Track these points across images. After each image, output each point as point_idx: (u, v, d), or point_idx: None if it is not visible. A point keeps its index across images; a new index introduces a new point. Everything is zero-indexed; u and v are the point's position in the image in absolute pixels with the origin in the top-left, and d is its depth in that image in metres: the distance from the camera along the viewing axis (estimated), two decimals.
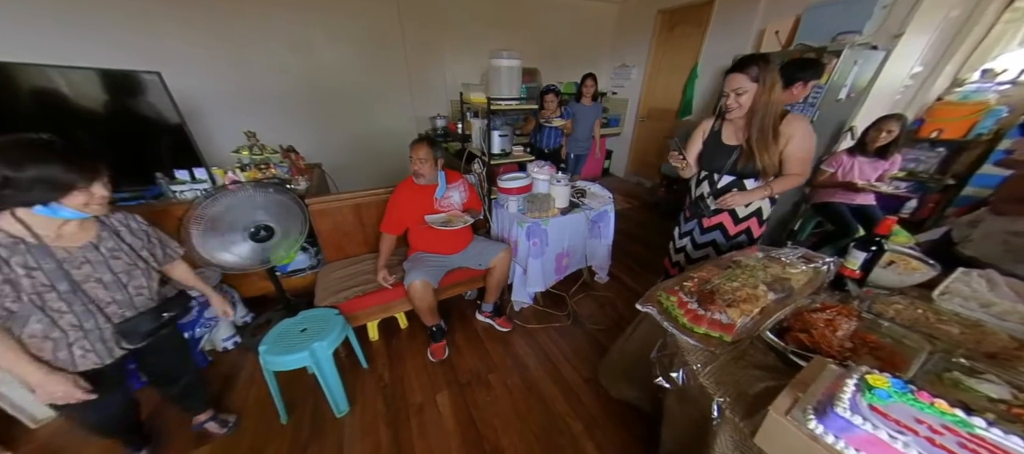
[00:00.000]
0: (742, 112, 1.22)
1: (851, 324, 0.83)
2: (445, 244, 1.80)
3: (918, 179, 2.36)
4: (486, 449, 1.37)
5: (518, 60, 1.91)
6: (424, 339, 1.86)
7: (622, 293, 2.29)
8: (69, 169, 0.81)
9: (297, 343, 1.35)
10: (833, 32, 2.26)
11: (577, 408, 1.52)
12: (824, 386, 0.61)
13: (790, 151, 1.22)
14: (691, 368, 0.85)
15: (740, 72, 1.16)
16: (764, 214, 1.42)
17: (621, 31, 4.28)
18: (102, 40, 2.32)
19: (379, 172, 3.53)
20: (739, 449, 0.74)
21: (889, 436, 0.48)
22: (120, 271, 0.97)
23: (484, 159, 2.09)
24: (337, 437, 1.42)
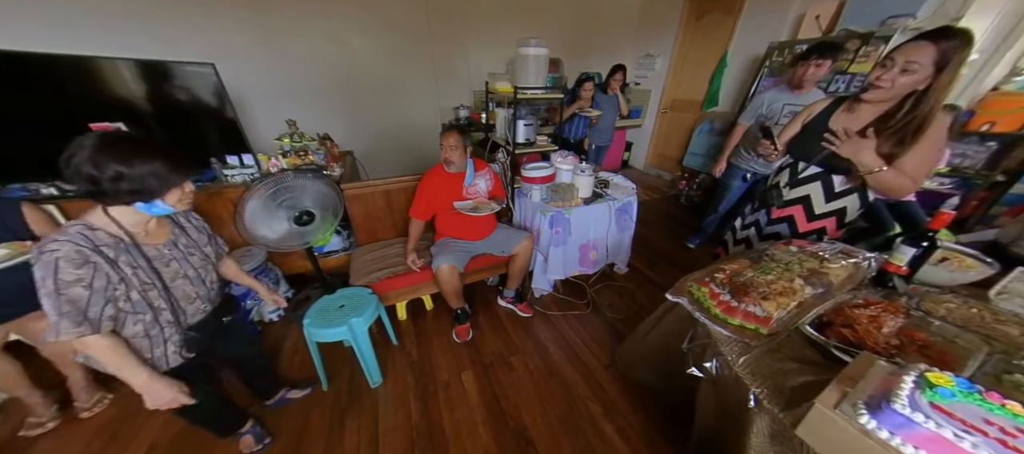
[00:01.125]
0: (892, 93, 0.95)
1: (897, 321, 0.78)
2: (471, 230, 1.81)
3: (963, 175, 2.16)
4: (510, 425, 1.39)
5: (545, 48, 1.87)
6: (449, 320, 1.89)
7: (641, 284, 2.26)
8: (172, 166, 0.81)
9: (336, 318, 1.40)
10: (882, 15, 2.08)
11: (597, 392, 1.52)
12: (875, 382, 0.58)
13: (915, 151, 0.97)
14: (726, 358, 0.83)
15: (932, 43, 0.87)
16: (848, 215, 1.20)
17: (646, 19, 4.10)
18: (160, 35, 2.40)
19: (405, 160, 3.59)
20: (777, 440, 0.72)
21: (954, 435, 0.45)
22: (198, 266, 0.98)
23: (508, 148, 2.07)
24: (372, 406, 1.48)
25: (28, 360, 1.34)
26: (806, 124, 1.22)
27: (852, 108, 1.09)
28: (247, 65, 2.69)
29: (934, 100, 0.91)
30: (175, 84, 1.88)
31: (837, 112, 1.14)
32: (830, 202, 1.19)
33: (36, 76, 1.62)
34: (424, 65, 3.46)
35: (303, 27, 2.84)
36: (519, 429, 1.38)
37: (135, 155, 0.76)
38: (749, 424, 0.76)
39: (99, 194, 0.76)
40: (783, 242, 1.22)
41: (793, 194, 1.26)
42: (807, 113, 1.24)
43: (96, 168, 0.72)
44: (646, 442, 1.31)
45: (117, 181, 0.74)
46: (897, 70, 0.93)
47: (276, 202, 1.45)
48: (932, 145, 0.97)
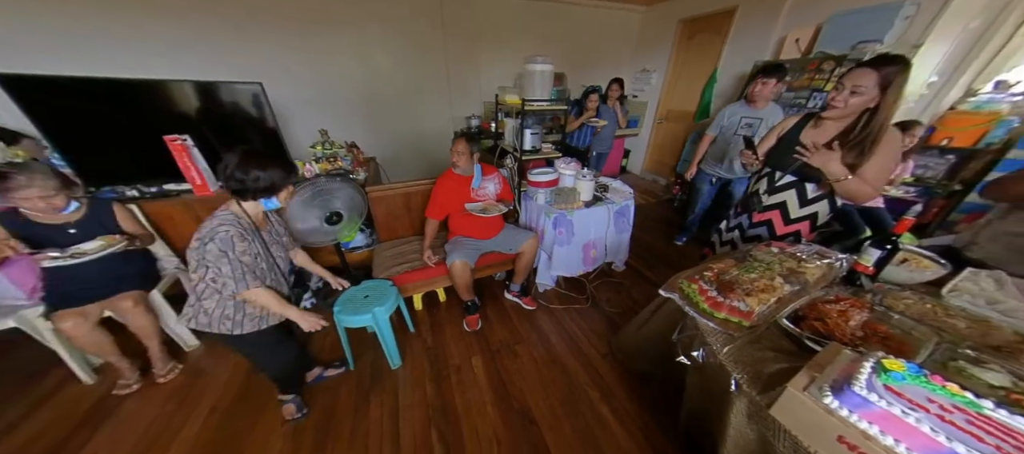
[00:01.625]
0: (844, 112, 1.04)
1: (863, 315, 0.83)
2: (481, 230, 1.86)
3: (925, 184, 2.25)
4: (515, 406, 1.44)
5: (550, 65, 1.92)
6: (460, 311, 1.94)
7: (637, 281, 2.31)
8: (286, 172, 1.04)
9: (362, 306, 1.46)
10: (854, 40, 2.15)
11: (595, 379, 1.56)
12: (839, 368, 0.63)
13: (872, 163, 1.04)
14: (711, 348, 0.88)
15: (873, 69, 0.96)
16: (819, 220, 1.26)
17: (643, 38, 4.16)
18: (220, 59, 2.62)
19: (421, 165, 3.67)
20: (754, 419, 0.77)
21: (902, 412, 0.50)
22: (283, 248, 1.20)
23: (516, 155, 2.12)
24: (393, 385, 1.54)
25: (117, 334, 1.47)
26: (781, 137, 1.29)
27: (818, 124, 1.17)
28: (288, 83, 2.85)
29: (883, 116, 0.99)
30: (230, 101, 1.99)
31: (807, 127, 1.21)
32: (804, 207, 1.26)
33: (121, 98, 1.77)
34: (439, 79, 3.54)
35: (334, 48, 2.98)
36: (523, 410, 1.42)
37: (266, 163, 0.99)
38: (730, 406, 0.80)
39: (243, 191, 0.99)
40: (764, 244, 1.27)
41: (771, 200, 1.32)
42: (781, 127, 1.31)
43: (244, 172, 0.96)
44: (640, 424, 1.35)
45: (256, 181, 0.98)
46: (847, 92, 1.02)
47: (312, 203, 1.52)
48: (887, 156, 1.05)
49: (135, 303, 1.43)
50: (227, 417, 1.41)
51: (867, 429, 0.52)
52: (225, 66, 2.61)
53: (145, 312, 1.47)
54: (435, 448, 1.29)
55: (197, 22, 2.49)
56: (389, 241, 2.05)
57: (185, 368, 1.63)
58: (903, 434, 0.48)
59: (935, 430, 0.46)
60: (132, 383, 1.50)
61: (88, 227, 1.33)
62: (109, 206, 1.41)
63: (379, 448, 1.29)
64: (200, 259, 0.96)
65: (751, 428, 0.78)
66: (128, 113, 1.77)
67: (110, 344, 1.43)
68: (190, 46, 2.51)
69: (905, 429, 0.48)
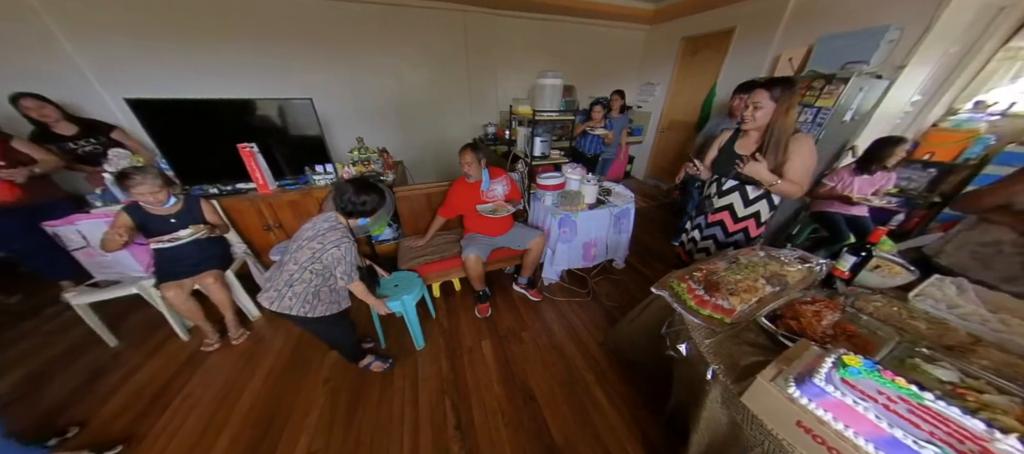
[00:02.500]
0: (755, 125, 1.17)
1: (835, 315, 0.85)
2: (492, 228, 1.89)
3: (908, 196, 2.22)
4: (518, 385, 1.48)
5: (560, 79, 1.93)
6: (472, 300, 1.99)
7: (635, 278, 2.32)
8: (382, 199, 1.22)
9: (393, 294, 1.52)
10: (842, 61, 2.11)
11: (591, 364, 1.59)
12: (805, 362, 0.66)
13: (792, 164, 1.16)
14: (694, 341, 0.91)
15: (764, 89, 1.12)
16: (763, 217, 1.35)
17: (648, 54, 4.11)
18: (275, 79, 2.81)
19: (442, 167, 3.75)
20: (726, 405, 0.80)
21: (854, 402, 0.53)
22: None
23: (527, 160, 2.15)
24: (414, 362, 1.61)
25: (203, 303, 1.67)
26: (721, 148, 1.38)
27: (744, 135, 1.29)
28: (331, 97, 3.00)
29: (780, 124, 1.11)
30: (287, 114, 2.14)
31: (737, 139, 1.32)
32: (748, 207, 1.34)
33: (207, 113, 1.97)
34: (461, 92, 3.60)
35: (371, 65, 3.11)
36: (525, 388, 1.47)
37: (371, 191, 1.19)
38: (706, 393, 0.84)
39: (352, 212, 1.18)
40: (749, 248, 1.28)
41: (721, 202, 1.40)
42: (720, 140, 1.40)
43: (357, 196, 1.17)
44: (630, 406, 1.38)
45: (363, 205, 1.18)
46: (752, 109, 1.15)
47: None
48: (802, 157, 1.15)
49: (215, 279, 1.62)
50: (281, 376, 1.56)
51: (822, 416, 0.55)
52: (283, 84, 2.80)
53: (222, 287, 1.66)
54: (448, 415, 1.36)
55: (262, 48, 2.68)
56: (413, 235, 2.11)
57: (251, 335, 1.81)
58: (852, 420, 0.51)
59: (879, 417, 0.49)
60: (214, 343, 1.70)
61: (183, 218, 1.53)
62: (198, 201, 1.61)
63: (401, 410, 1.38)
64: (316, 257, 1.12)
65: (723, 413, 0.81)
66: (211, 126, 1.98)
67: (199, 311, 1.63)
68: (255, 69, 2.72)
69: (854, 416, 0.51)
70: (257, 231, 2.07)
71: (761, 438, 0.68)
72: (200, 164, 1.98)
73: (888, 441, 0.46)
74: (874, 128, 2.15)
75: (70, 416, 1.36)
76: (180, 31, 2.43)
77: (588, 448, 1.24)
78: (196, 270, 1.58)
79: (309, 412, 1.38)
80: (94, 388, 1.49)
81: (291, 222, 2.12)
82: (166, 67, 2.48)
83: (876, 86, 2.03)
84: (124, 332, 1.79)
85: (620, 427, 1.31)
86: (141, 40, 2.36)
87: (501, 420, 1.34)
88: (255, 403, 1.43)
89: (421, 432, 1.30)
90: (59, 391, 1.47)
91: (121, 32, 2.30)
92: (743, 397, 0.70)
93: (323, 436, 1.29)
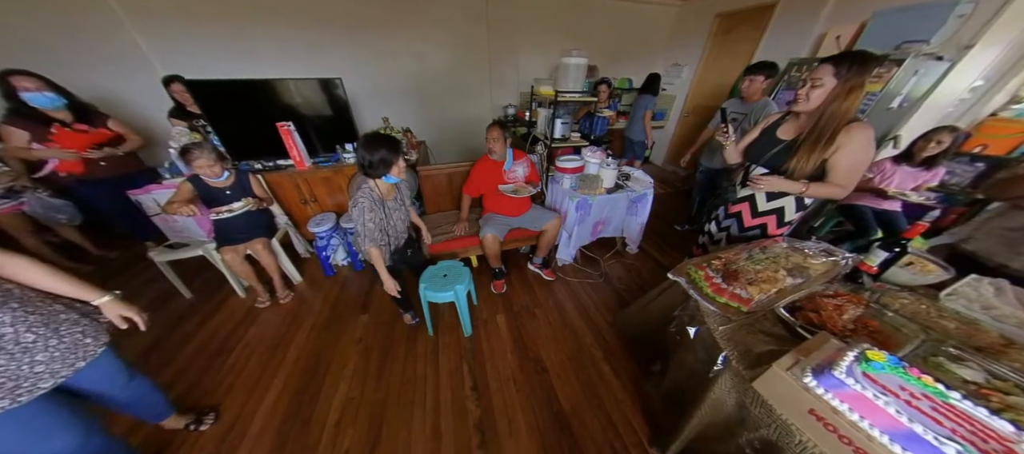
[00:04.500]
0: (808, 105, 0.97)
1: (858, 310, 0.81)
2: (511, 208, 1.89)
3: (948, 191, 1.96)
4: (530, 357, 1.53)
5: (585, 58, 1.84)
6: (489, 276, 2.02)
7: (647, 263, 2.28)
8: (391, 149, 1.15)
9: (443, 285, 1.50)
10: (899, 39, 1.86)
11: (599, 342, 1.61)
12: (825, 355, 0.64)
13: (837, 159, 0.97)
14: (708, 327, 0.90)
15: (830, 64, 0.92)
16: (787, 216, 1.19)
17: (677, 32, 3.78)
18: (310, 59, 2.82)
19: (463, 147, 3.72)
20: (737, 391, 0.79)
21: (874, 395, 0.51)
22: (402, 216, 1.39)
23: (547, 142, 2.10)
24: (436, 329, 1.68)
25: (255, 266, 1.83)
26: (764, 130, 1.21)
27: (792, 119, 1.11)
28: (359, 77, 2.99)
29: (835, 107, 0.92)
30: (317, 93, 2.16)
31: (784, 122, 1.14)
32: (770, 201, 1.20)
33: (249, 92, 2.02)
34: (482, 71, 3.49)
35: (397, 46, 3.07)
36: (537, 359, 1.51)
37: (378, 144, 1.14)
38: (713, 382, 0.83)
39: (370, 170, 1.16)
40: (771, 239, 1.22)
41: (743, 193, 1.27)
42: (766, 122, 1.22)
43: (367, 152, 1.14)
44: (635, 381, 1.40)
45: (379, 159, 1.14)
46: (808, 86, 0.96)
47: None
48: (855, 152, 0.96)
49: (263, 246, 1.77)
50: (321, 333, 1.69)
51: (837, 406, 0.54)
52: (315, 64, 2.82)
53: (269, 252, 1.81)
54: (465, 378, 1.44)
55: (299, 29, 2.70)
56: (434, 213, 2.15)
57: (295, 296, 1.96)
58: (869, 412, 0.50)
59: (900, 412, 0.47)
60: (265, 301, 1.86)
61: (236, 191, 1.65)
62: (247, 176, 1.72)
63: (424, 370, 1.48)
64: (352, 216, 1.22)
65: (731, 396, 0.81)
66: (253, 104, 2.04)
67: (251, 272, 1.80)
68: (292, 50, 2.75)
69: (872, 409, 0.50)
70: (296, 204, 2.17)
71: (769, 421, 0.68)
72: (245, 141, 2.07)
73: (906, 435, 0.45)
74: (924, 117, 1.92)
75: (161, 353, 1.57)
76: (225, 12, 2.49)
77: (593, 416, 1.28)
78: (248, 237, 1.72)
79: (346, 365, 1.51)
80: (177, 331, 1.70)
81: (325, 197, 2.20)
82: (214, 49, 2.55)
83: (933, 69, 1.79)
84: (196, 288, 1.98)
85: (625, 400, 1.34)
86: (192, 22, 2.44)
87: (513, 387, 1.40)
88: (301, 354, 1.56)
89: (441, 390, 1.39)
90: (151, 332, 1.65)
91: (175, 14, 2.40)
92: (755, 383, 0.69)
93: (358, 386, 1.41)
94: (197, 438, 1.21)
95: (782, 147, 1.09)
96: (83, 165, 1.81)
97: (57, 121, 1.67)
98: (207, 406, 1.31)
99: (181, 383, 1.42)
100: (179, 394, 1.37)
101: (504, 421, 1.27)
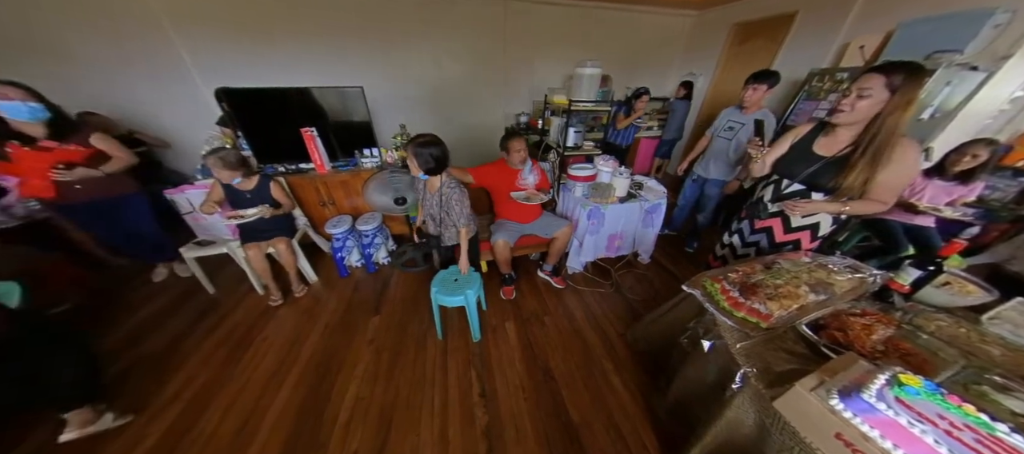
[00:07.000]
0: (852, 117, 0.89)
1: (888, 331, 0.77)
2: (522, 214, 1.88)
3: (988, 206, 1.83)
4: (539, 365, 1.50)
5: (599, 68, 1.85)
6: (498, 282, 2.01)
7: (659, 274, 2.22)
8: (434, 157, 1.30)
9: (454, 289, 1.51)
10: (928, 49, 1.78)
11: (610, 353, 1.57)
12: (852, 376, 0.60)
13: (884, 177, 0.90)
14: (725, 343, 0.86)
15: (880, 73, 0.83)
16: (821, 230, 1.14)
17: (693, 42, 3.76)
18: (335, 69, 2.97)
19: (475, 154, 3.77)
20: (757, 411, 0.76)
21: (909, 423, 0.48)
22: (436, 208, 1.50)
23: (559, 150, 2.10)
24: (444, 334, 1.69)
25: (273, 267, 1.90)
26: (794, 144, 1.12)
27: (829, 132, 1.02)
28: (379, 85, 3.10)
29: (890, 122, 0.85)
30: (340, 100, 2.26)
31: (819, 136, 1.06)
32: (806, 216, 1.14)
33: (278, 100, 2.10)
34: (496, 80, 3.57)
35: (415, 56, 3.18)
36: (546, 368, 1.49)
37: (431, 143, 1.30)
38: (731, 399, 0.79)
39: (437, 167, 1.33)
40: (792, 252, 1.17)
41: (775, 208, 1.19)
42: (795, 134, 1.13)
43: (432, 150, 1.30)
44: (646, 394, 1.35)
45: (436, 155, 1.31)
46: (854, 96, 0.88)
47: (385, 188, 1.72)
48: (904, 169, 0.91)
49: (285, 245, 1.82)
50: (334, 332, 1.72)
51: (867, 432, 0.50)
52: (337, 73, 2.95)
53: (290, 251, 1.85)
54: (474, 384, 1.42)
55: (322, 40, 2.84)
56: None
57: (310, 294, 2.01)
58: (903, 441, 0.47)
59: (938, 442, 0.44)
60: (278, 300, 1.90)
61: (256, 195, 1.71)
62: (268, 182, 1.76)
63: (433, 374, 1.47)
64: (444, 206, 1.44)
65: (750, 415, 0.77)
66: (279, 111, 2.12)
67: (268, 270, 1.85)
68: (318, 60, 2.89)
69: (907, 437, 0.46)
70: (315, 206, 2.24)
71: (791, 445, 0.64)
72: (271, 145, 2.16)
73: None
74: (960, 128, 1.81)
75: (190, 342, 1.65)
76: (260, 24, 2.66)
77: (603, 428, 1.24)
78: (270, 236, 1.80)
79: (357, 365, 1.52)
80: (201, 324, 1.78)
81: (342, 200, 2.26)
82: (244, 57, 2.71)
83: (968, 79, 1.69)
84: (218, 283, 2.05)
85: (636, 414, 1.29)
86: (228, 33, 2.61)
87: (522, 394, 1.38)
88: (315, 352, 1.59)
89: (450, 394, 1.38)
90: (180, 322, 1.78)
91: (215, 26, 2.57)
92: (776, 402, 0.66)
93: (369, 386, 1.42)
94: (215, 428, 1.24)
95: (823, 164, 1.00)
96: (53, 188, 1.47)
97: (19, 138, 1.36)
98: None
99: (204, 373, 1.48)
100: (204, 384, 1.43)
101: (512, 429, 1.25)
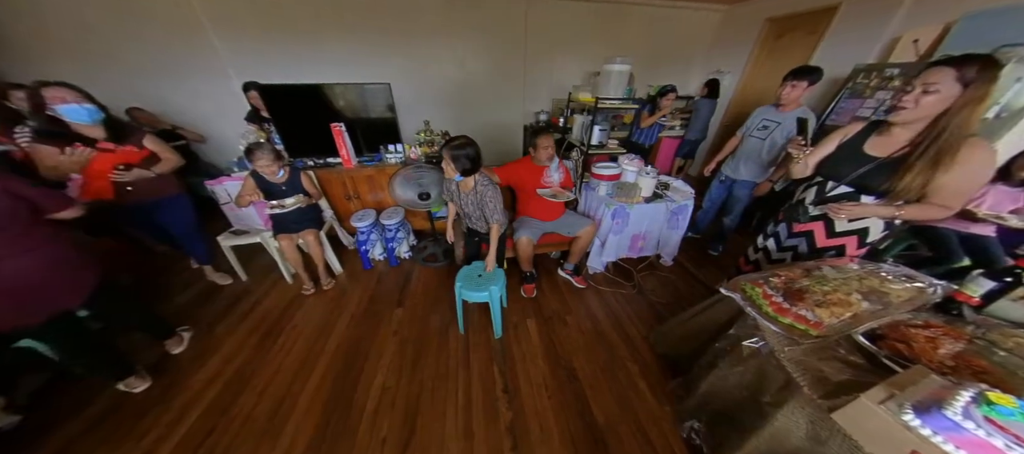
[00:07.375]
0: (916, 113, 0.81)
1: (957, 346, 0.71)
2: (545, 212, 1.87)
3: None
4: (562, 364, 1.49)
5: (629, 65, 1.81)
6: (519, 280, 2.00)
7: (683, 276, 2.16)
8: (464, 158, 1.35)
9: (479, 285, 1.52)
10: (994, 43, 1.63)
11: (634, 355, 1.54)
12: (927, 391, 0.56)
13: (947, 179, 0.82)
14: (769, 346, 0.83)
15: (949, 66, 0.76)
16: (870, 236, 1.06)
17: (721, 38, 3.60)
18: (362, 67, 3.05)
19: (495, 152, 3.76)
20: (809, 421, 0.72)
21: (1005, 445, 0.44)
22: (473, 206, 1.53)
23: (583, 149, 2.07)
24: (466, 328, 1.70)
25: (304, 256, 1.94)
26: (842, 144, 1.04)
27: (884, 131, 0.94)
28: (404, 82, 3.15)
29: (958, 120, 0.77)
30: (367, 97, 2.31)
31: (872, 135, 0.98)
32: (853, 220, 1.05)
33: (309, 96, 2.17)
34: (517, 79, 3.55)
35: (440, 54, 3.22)
36: (569, 368, 1.47)
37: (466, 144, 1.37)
38: (777, 408, 0.76)
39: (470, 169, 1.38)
40: (836, 258, 1.10)
41: (817, 211, 1.11)
42: (843, 134, 1.05)
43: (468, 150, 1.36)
44: (670, 399, 1.31)
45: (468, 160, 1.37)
46: (919, 91, 0.80)
47: (409, 182, 1.73)
48: (966, 174, 0.82)
49: (313, 236, 1.87)
50: (360, 322, 1.76)
51: (952, 451, 0.46)
52: (364, 71, 3.04)
53: (318, 243, 1.90)
54: (496, 379, 1.42)
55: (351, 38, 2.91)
56: None
57: (337, 283, 2.08)
58: None
59: None
60: (310, 288, 1.96)
61: (289, 187, 1.76)
62: (299, 174, 1.84)
63: (456, 368, 1.48)
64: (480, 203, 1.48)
65: (801, 426, 0.74)
66: (312, 107, 2.18)
67: (300, 260, 1.90)
68: (347, 57, 2.96)
69: None
70: (340, 200, 2.31)
71: None
72: (301, 140, 2.23)
73: None
74: None
75: (224, 327, 1.72)
76: (290, 24, 2.76)
77: (630, 433, 1.22)
78: (300, 227, 1.85)
79: (383, 355, 1.55)
80: (235, 309, 1.86)
81: (367, 194, 2.31)
82: (276, 55, 2.81)
83: None
84: (251, 271, 2.13)
85: (663, 419, 1.26)
86: (263, 32, 2.72)
87: (545, 392, 1.37)
88: (342, 341, 1.63)
89: (473, 389, 1.38)
90: (217, 307, 1.87)
91: (250, 24, 2.65)
92: (836, 415, 0.62)
93: (394, 376, 1.45)
94: (251, 411, 1.29)
95: (874, 166, 0.93)
96: (112, 190, 1.48)
97: (83, 139, 1.33)
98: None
99: (239, 356, 1.55)
100: (238, 367, 1.49)
101: (536, 427, 1.24)
